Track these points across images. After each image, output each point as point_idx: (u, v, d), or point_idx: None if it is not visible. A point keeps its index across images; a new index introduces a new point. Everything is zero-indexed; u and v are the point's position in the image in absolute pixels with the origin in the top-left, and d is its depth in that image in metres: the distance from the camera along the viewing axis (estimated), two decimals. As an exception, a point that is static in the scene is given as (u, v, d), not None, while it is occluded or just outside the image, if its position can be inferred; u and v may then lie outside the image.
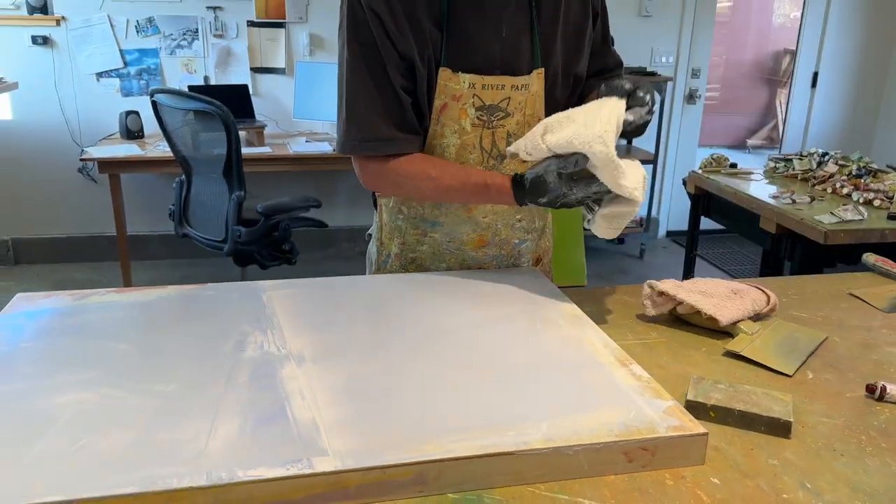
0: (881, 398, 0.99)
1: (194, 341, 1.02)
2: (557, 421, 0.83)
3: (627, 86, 1.13)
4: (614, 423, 0.84)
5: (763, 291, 1.26)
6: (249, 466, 0.73)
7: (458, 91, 1.22)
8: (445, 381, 0.93)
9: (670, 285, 1.21)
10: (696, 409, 0.93)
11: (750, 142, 7.85)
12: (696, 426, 0.84)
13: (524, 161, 1.18)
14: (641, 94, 1.13)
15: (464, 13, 1.21)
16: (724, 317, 1.16)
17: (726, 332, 1.18)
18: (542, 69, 1.27)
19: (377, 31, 1.17)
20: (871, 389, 1.00)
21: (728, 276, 4.29)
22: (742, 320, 1.18)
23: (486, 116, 1.25)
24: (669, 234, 4.96)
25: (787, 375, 1.05)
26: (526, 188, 1.15)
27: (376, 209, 1.43)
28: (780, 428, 0.90)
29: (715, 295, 1.20)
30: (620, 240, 4.74)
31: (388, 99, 1.21)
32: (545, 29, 1.26)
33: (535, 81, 1.27)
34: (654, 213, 4.78)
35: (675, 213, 4.85)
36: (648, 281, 1.23)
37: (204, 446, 0.77)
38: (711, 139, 7.64)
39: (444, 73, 1.21)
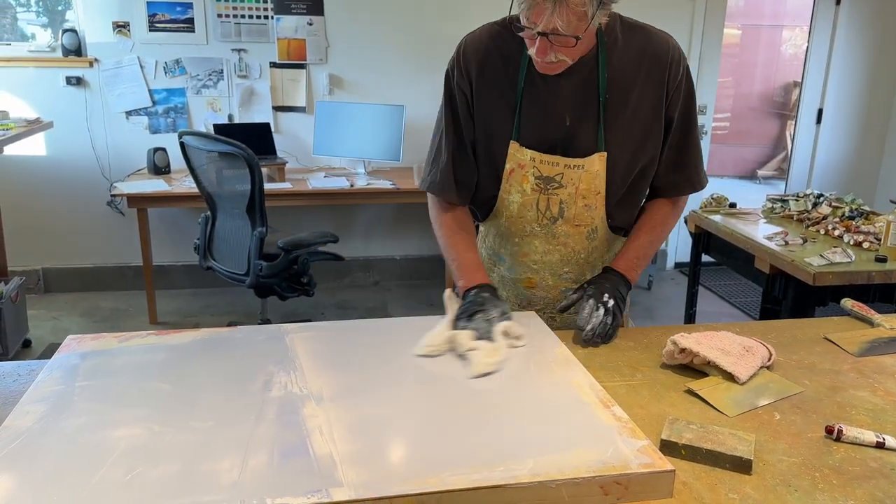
0: (838, 438, 1.10)
1: (227, 381, 1.16)
2: (543, 458, 0.95)
3: (566, 303, 1.51)
4: (593, 460, 0.95)
5: (766, 347, 1.37)
6: (277, 495, 0.86)
7: (522, 160, 1.49)
8: (445, 419, 1.05)
9: (692, 342, 1.31)
10: (670, 447, 1.05)
11: (760, 172, 7.96)
12: (665, 463, 0.96)
13: (576, 225, 1.54)
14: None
15: (534, 101, 1.46)
16: (742, 374, 1.27)
17: (703, 373, 1.30)
18: (605, 153, 1.46)
19: (461, 106, 1.50)
20: (829, 430, 1.12)
21: (732, 308, 4.38)
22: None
23: (542, 185, 1.50)
24: (678, 265, 5.06)
25: (727, 416, 1.17)
26: (468, 297, 1.42)
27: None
28: (742, 465, 1.02)
29: (731, 352, 1.31)
30: (629, 271, 4.85)
31: (457, 160, 1.53)
32: (610, 119, 1.46)
33: (597, 163, 1.46)
34: (661, 245, 4.88)
35: (682, 245, 4.96)
36: (672, 337, 1.33)
37: (238, 477, 0.90)
38: (721, 170, 7.77)
39: (514, 145, 1.48)
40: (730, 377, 1.27)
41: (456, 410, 1.08)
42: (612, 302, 1.44)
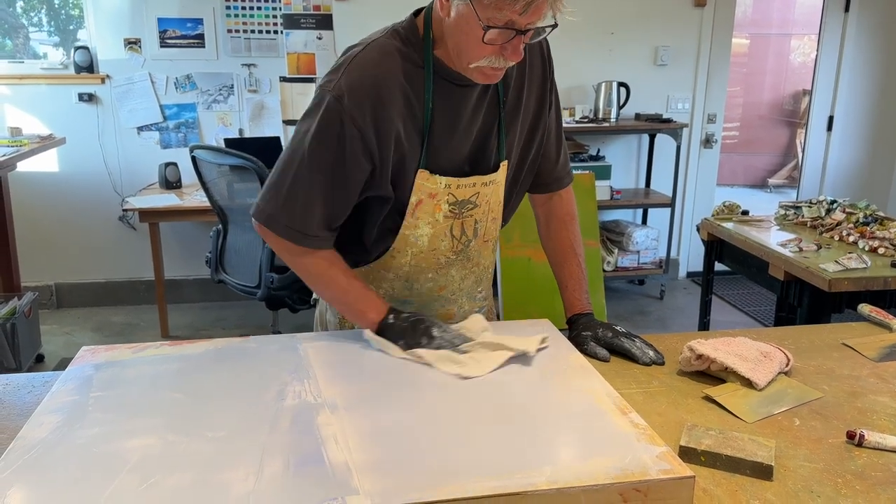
0: (860, 444, 1.09)
1: (240, 391, 1.15)
2: (561, 465, 0.94)
3: (602, 354, 1.38)
4: (612, 467, 0.94)
5: (784, 352, 1.35)
6: None
7: (434, 190, 1.33)
8: (461, 427, 1.04)
9: (709, 348, 1.30)
10: (689, 453, 1.04)
11: (771, 181, 7.93)
12: (685, 470, 0.94)
13: (485, 240, 1.44)
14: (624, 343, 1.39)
15: (441, 123, 1.31)
16: (760, 379, 1.25)
17: (720, 379, 1.28)
18: (506, 161, 1.40)
19: (353, 145, 1.25)
20: (851, 436, 1.10)
21: (746, 317, 4.35)
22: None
23: (457, 209, 1.37)
24: (689, 274, 5.03)
25: (746, 422, 1.15)
26: (396, 324, 1.32)
27: None
28: (762, 471, 1.00)
29: (749, 358, 1.29)
30: (641, 281, 4.83)
31: (328, 204, 1.30)
32: (509, 122, 1.38)
33: (501, 173, 1.40)
34: (673, 254, 4.86)
35: (694, 254, 4.94)
36: (688, 344, 1.32)
37: (253, 486, 0.89)
38: (732, 179, 7.74)
39: (423, 174, 1.31)
40: (748, 383, 1.25)
41: (472, 418, 1.07)
42: (620, 328, 1.42)
